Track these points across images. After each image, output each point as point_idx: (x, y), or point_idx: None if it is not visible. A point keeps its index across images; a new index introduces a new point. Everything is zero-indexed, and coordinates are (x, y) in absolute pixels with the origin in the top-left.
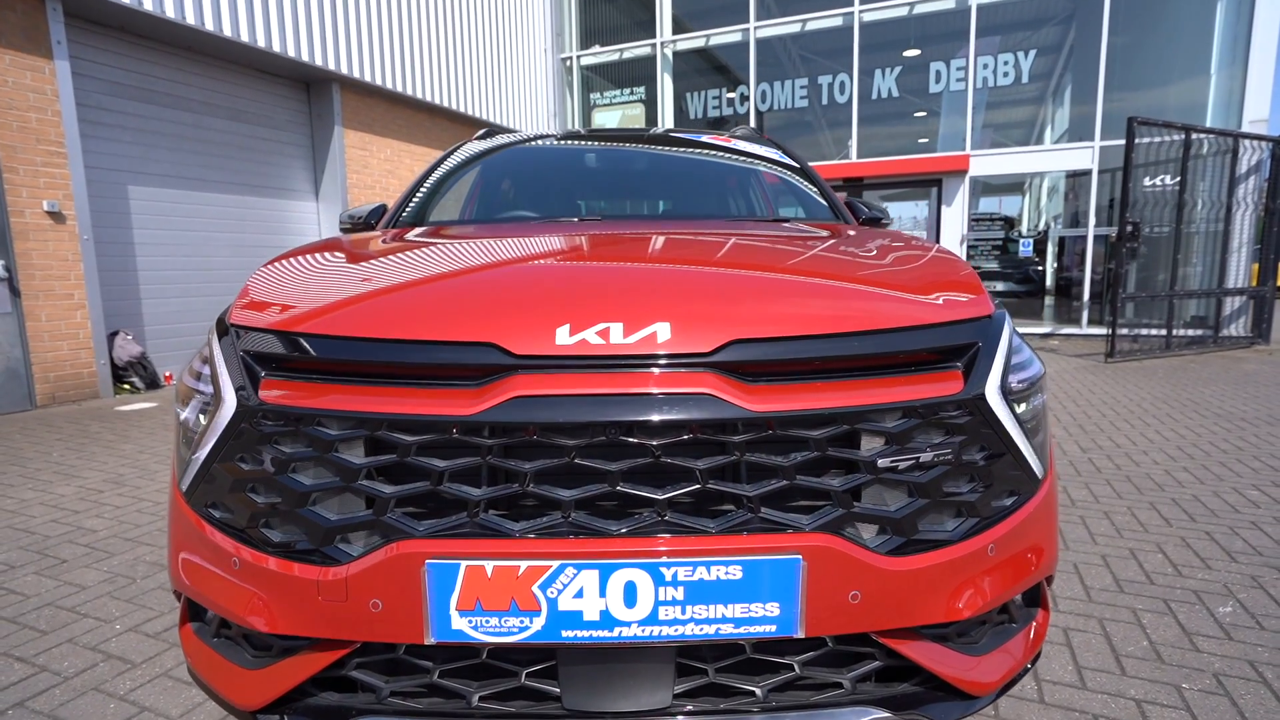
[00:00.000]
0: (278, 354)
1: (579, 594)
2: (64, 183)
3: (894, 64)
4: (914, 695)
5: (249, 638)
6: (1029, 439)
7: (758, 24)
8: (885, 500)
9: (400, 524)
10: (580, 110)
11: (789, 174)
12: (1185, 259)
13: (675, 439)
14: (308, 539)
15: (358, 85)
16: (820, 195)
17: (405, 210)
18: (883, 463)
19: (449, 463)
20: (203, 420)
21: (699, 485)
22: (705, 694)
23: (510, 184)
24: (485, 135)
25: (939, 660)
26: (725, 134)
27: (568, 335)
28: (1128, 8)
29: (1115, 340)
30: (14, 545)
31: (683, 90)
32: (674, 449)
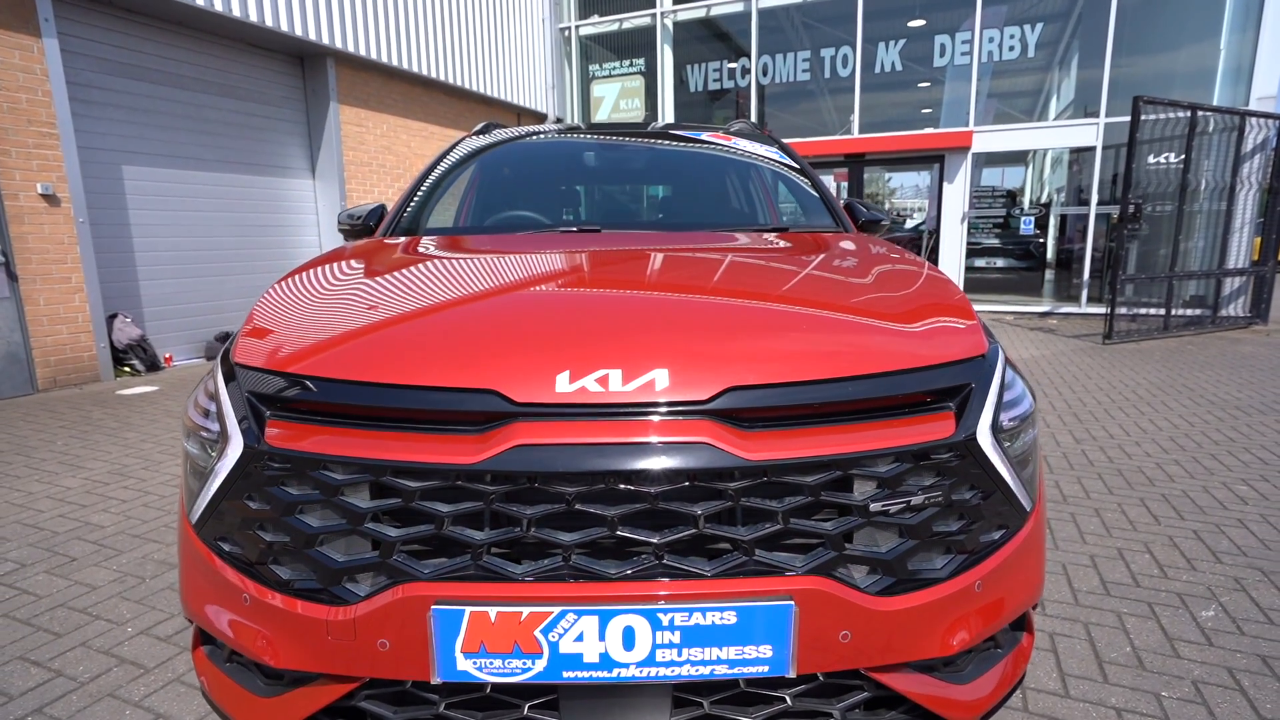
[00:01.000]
0: (282, 396)
1: (579, 638)
2: (57, 165)
3: (898, 36)
4: None
5: (261, 666)
6: (1018, 474)
7: None
8: (876, 541)
9: (406, 566)
10: (579, 83)
11: (789, 173)
12: (1187, 239)
13: (673, 486)
14: (316, 579)
15: (352, 60)
16: (820, 199)
17: (404, 214)
18: (874, 506)
19: (453, 507)
20: (210, 456)
21: (695, 530)
22: None
23: (508, 188)
24: (483, 130)
25: (925, 689)
26: (724, 131)
27: (568, 382)
28: None
29: (1113, 322)
30: (24, 542)
31: (683, 62)
32: (671, 494)
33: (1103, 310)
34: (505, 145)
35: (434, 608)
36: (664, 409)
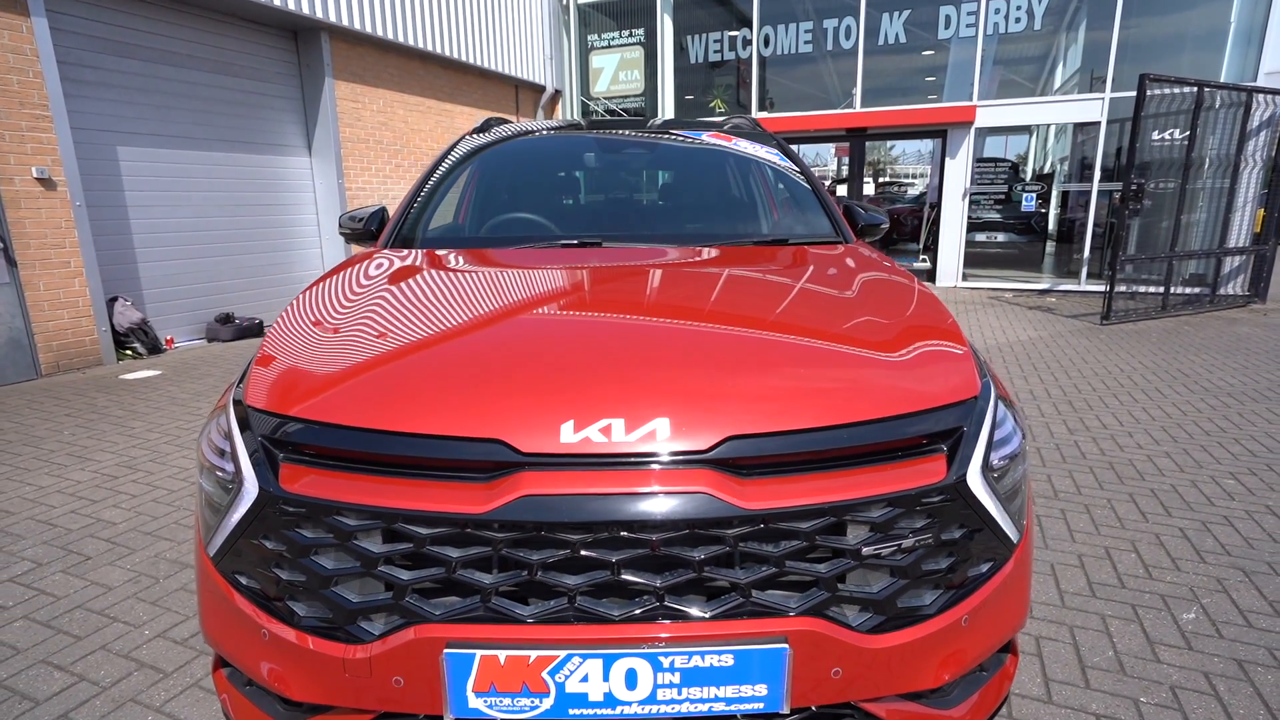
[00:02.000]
0: (294, 440)
1: (585, 678)
2: (51, 148)
3: (902, 6)
4: None
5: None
6: (1006, 508)
7: None
8: (868, 580)
9: (418, 608)
10: (578, 54)
11: (790, 177)
12: (1189, 216)
13: (673, 534)
14: (333, 618)
15: (347, 34)
16: (819, 204)
17: (405, 220)
18: (867, 550)
19: (462, 552)
20: (226, 494)
21: (695, 574)
22: None
23: (507, 194)
24: (483, 128)
25: (912, 716)
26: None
27: (572, 432)
28: None
29: (1111, 303)
30: (39, 539)
31: (683, 32)
32: (672, 541)
33: (1102, 288)
34: (504, 146)
35: (446, 651)
36: (665, 458)
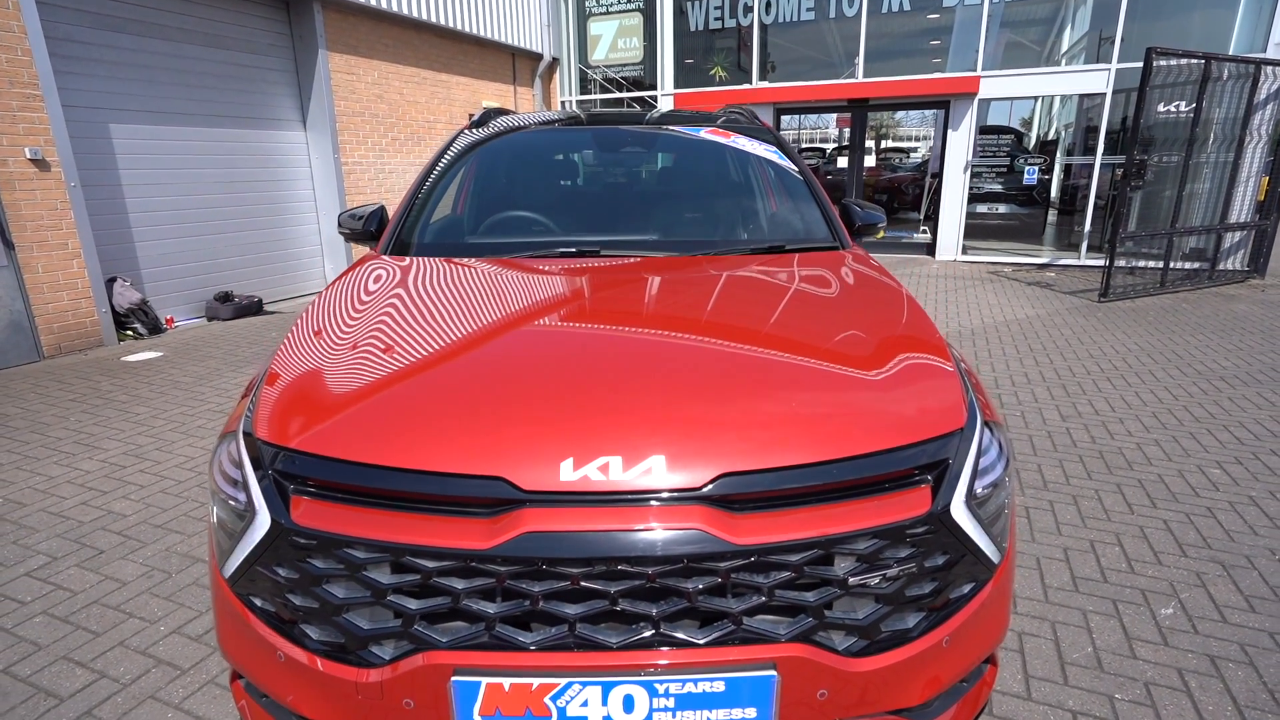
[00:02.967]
0: (303, 474)
1: (585, 703)
2: (44, 127)
3: None
4: None
5: None
6: (988, 531)
7: None
8: (853, 607)
9: (426, 634)
10: (575, 20)
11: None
12: (1191, 192)
13: (669, 567)
14: (345, 643)
15: (340, 3)
16: (816, 206)
17: (405, 223)
18: (853, 580)
19: (468, 583)
20: (239, 522)
21: (689, 603)
22: None
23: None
24: (481, 121)
25: None
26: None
27: (571, 470)
28: None
29: (1110, 280)
30: (52, 532)
31: None
32: (667, 573)
33: (1101, 262)
34: (502, 141)
35: (454, 679)
36: (662, 496)
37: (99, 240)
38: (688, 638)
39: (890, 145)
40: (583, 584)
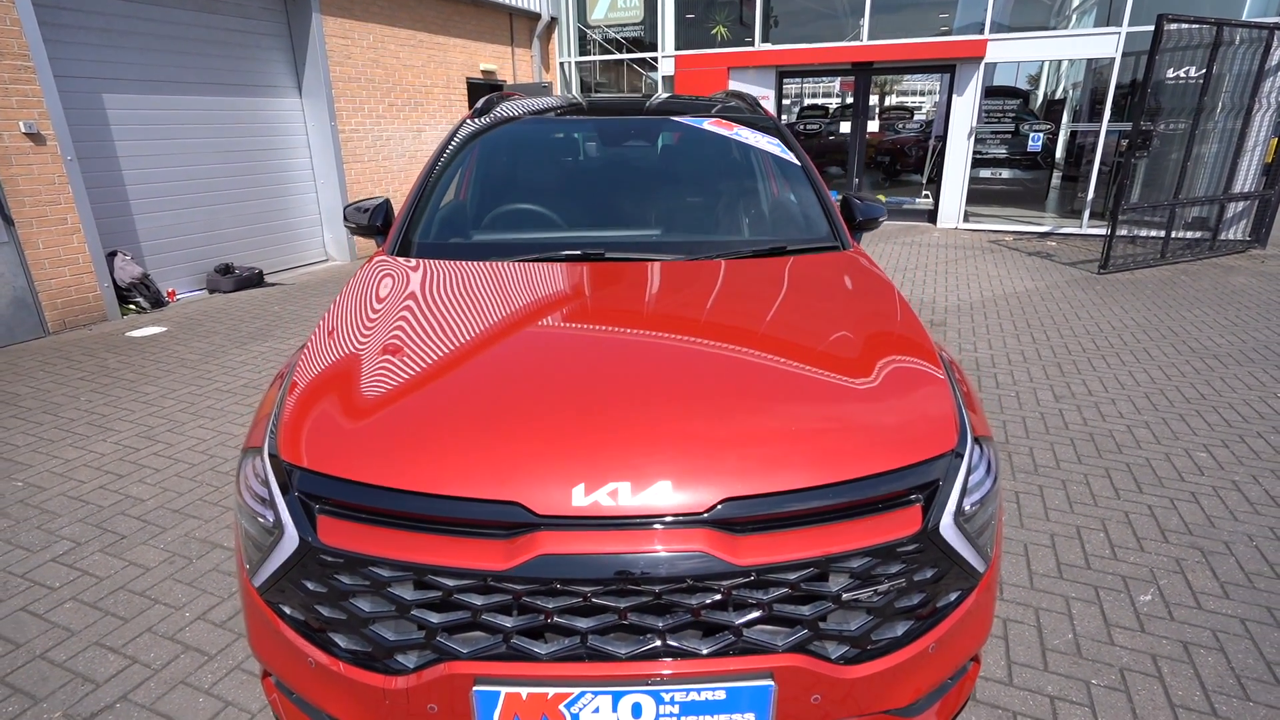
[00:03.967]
0: (327, 496)
1: (596, 710)
2: (37, 100)
3: None
4: None
5: None
6: (974, 543)
7: None
8: (846, 619)
9: (448, 646)
10: None
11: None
12: (1196, 161)
13: (674, 586)
14: (372, 653)
15: None
16: (817, 202)
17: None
18: (846, 595)
19: (486, 600)
20: (268, 537)
21: (693, 617)
22: None
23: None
24: (484, 110)
25: None
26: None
27: (583, 495)
28: None
29: (1110, 251)
30: (74, 517)
31: None
32: (672, 591)
33: (1103, 231)
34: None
35: (475, 689)
36: (667, 519)
37: (98, 214)
38: (691, 649)
39: (894, 104)
40: (594, 600)
